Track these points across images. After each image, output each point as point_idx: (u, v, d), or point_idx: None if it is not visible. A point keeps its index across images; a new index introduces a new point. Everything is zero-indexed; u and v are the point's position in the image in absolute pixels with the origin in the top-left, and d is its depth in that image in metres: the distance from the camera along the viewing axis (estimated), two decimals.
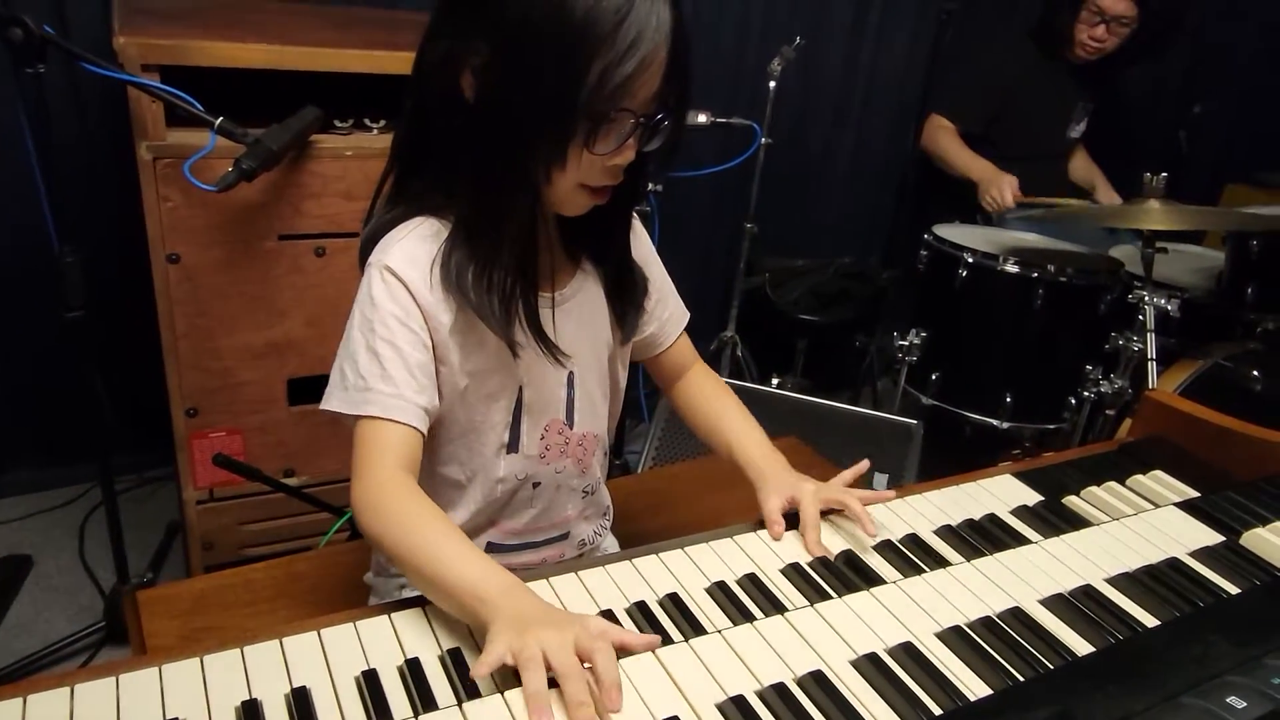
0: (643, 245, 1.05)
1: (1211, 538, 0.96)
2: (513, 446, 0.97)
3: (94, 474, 1.69)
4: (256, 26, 1.67)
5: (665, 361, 1.12)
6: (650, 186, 2.07)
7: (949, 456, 2.28)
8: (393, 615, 0.77)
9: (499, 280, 0.86)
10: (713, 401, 1.11)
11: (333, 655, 0.73)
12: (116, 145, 1.68)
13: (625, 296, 1.00)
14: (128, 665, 0.70)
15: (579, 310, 0.98)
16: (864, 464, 1.03)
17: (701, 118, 2.08)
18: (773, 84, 2.30)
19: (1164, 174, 1.93)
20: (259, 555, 1.72)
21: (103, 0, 1.82)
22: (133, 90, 1.40)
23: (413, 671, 0.70)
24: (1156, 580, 0.87)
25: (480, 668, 0.67)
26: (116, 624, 1.74)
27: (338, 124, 1.59)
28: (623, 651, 0.71)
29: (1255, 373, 2.01)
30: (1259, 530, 0.95)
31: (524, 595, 0.73)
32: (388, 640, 0.74)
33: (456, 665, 0.72)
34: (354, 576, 1.12)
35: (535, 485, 1.01)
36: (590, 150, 0.81)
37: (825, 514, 0.96)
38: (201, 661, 0.71)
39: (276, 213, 1.55)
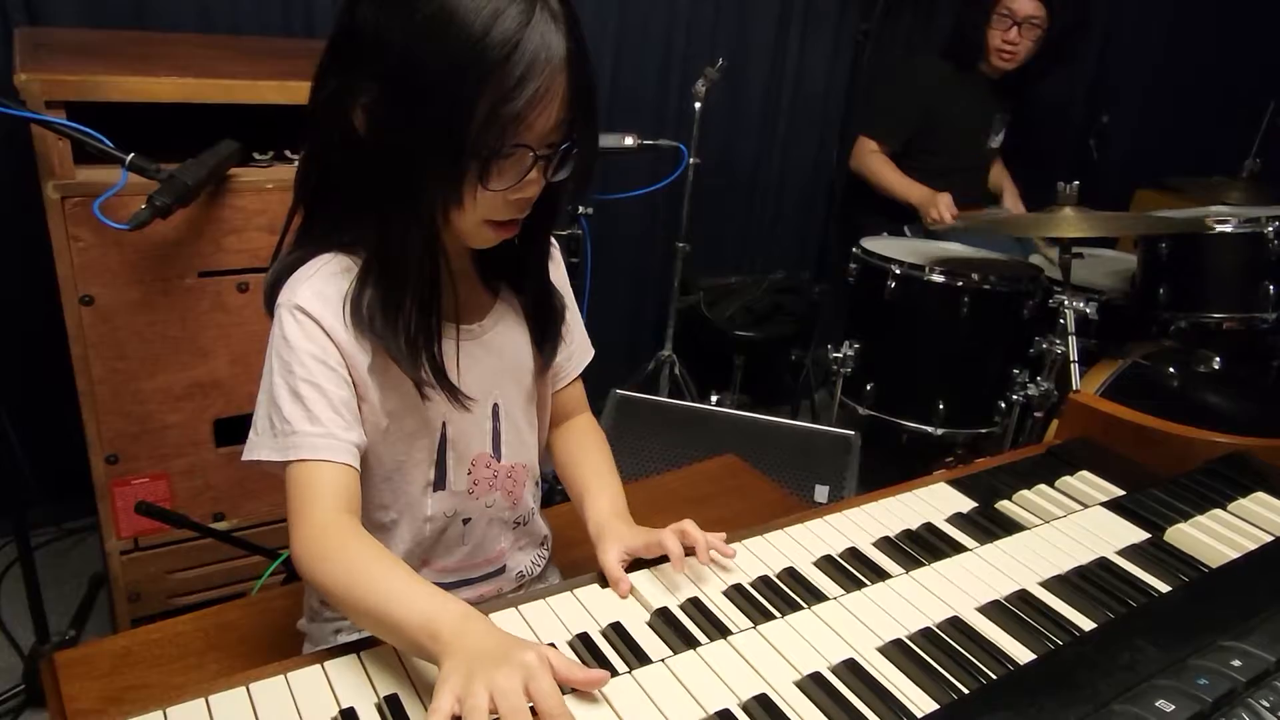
0: (559, 274, 1.03)
1: (1137, 535, 0.99)
2: (439, 484, 0.95)
3: (9, 528, 1.61)
4: (168, 59, 1.63)
5: (556, 401, 1.09)
6: (580, 210, 2.07)
7: (887, 465, 2.32)
8: (325, 664, 0.74)
9: (405, 321, 0.84)
10: (584, 452, 1.08)
11: (263, 710, 0.70)
12: (22, 184, 1.61)
13: (545, 323, 0.99)
14: None
15: (499, 341, 0.96)
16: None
17: (628, 140, 2.09)
18: (698, 105, 2.32)
19: (1076, 182, 2.00)
20: (190, 604, 1.65)
21: (3, 36, 1.76)
22: (37, 128, 1.35)
23: None
24: (1087, 581, 0.90)
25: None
26: (37, 687, 1.65)
27: (257, 156, 1.56)
28: (567, 687, 0.70)
29: (1171, 370, 2.09)
30: (1181, 525, 0.98)
31: (477, 628, 0.71)
32: (321, 691, 0.72)
33: (394, 712, 0.69)
34: (287, 623, 1.08)
35: (465, 521, 0.99)
36: (485, 187, 0.79)
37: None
38: None
39: (196, 249, 1.51)
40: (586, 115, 0.80)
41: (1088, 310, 2.03)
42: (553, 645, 0.78)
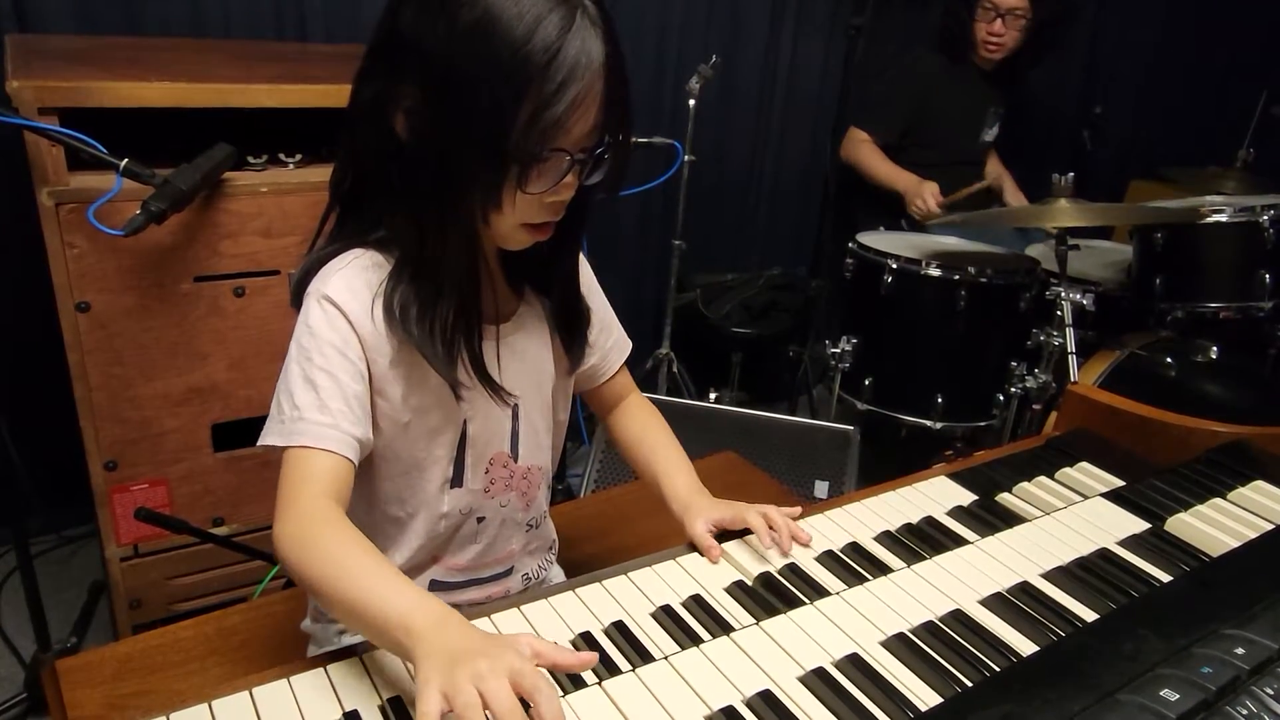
0: (585, 275, 1.03)
1: (1138, 525, 0.99)
2: (456, 481, 0.95)
3: (8, 537, 1.61)
4: (160, 64, 1.62)
5: (605, 392, 1.12)
6: None
7: (887, 459, 2.33)
8: (328, 667, 0.74)
9: (441, 322, 0.85)
10: (647, 433, 1.11)
11: (266, 714, 0.70)
12: (16, 191, 1.61)
13: (571, 327, 0.99)
14: None
15: (522, 342, 0.96)
16: (795, 510, 1.01)
17: None
18: (692, 102, 2.32)
19: (1071, 174, 2.00)
20: (191, 610, 1.65)
21: None
22: (30, 135, 1.35)
23: None
24: (1089, 572, 0.90)
25: None
26: (39, 694, 1.65)
27: (251, 160, 1.55)
28: (557, 671, 0.69)
29: (1169, 360, 2.09)
30: (1181, 515, 0.99)
31: (455, 627, 0.69)
32: (324, 694, 0.72)
33: (397, 715, 0.69)
34: (290, 626, 1.08)
35: (480, 520, 0.99)
36: (524, 190, 0.79)
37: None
38: None
39: (191, 254, 1.51)
40: (621, 119, 0.81)
41: (1084, 302, 2.03)
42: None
